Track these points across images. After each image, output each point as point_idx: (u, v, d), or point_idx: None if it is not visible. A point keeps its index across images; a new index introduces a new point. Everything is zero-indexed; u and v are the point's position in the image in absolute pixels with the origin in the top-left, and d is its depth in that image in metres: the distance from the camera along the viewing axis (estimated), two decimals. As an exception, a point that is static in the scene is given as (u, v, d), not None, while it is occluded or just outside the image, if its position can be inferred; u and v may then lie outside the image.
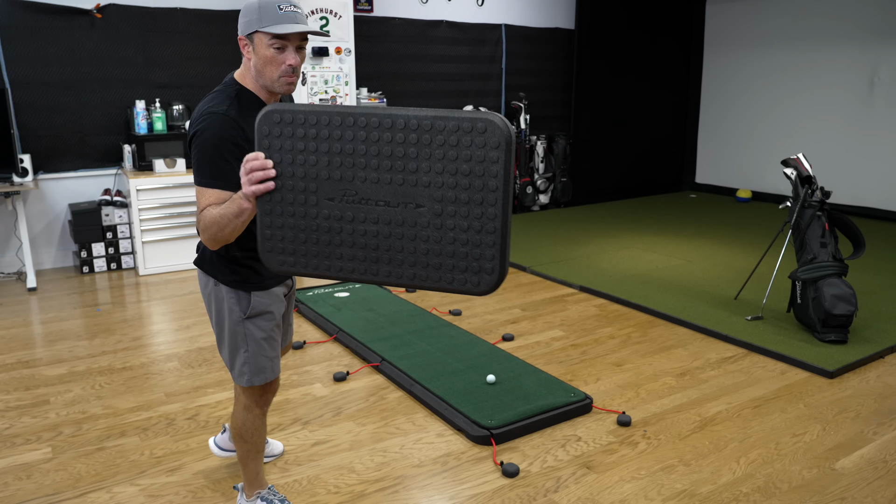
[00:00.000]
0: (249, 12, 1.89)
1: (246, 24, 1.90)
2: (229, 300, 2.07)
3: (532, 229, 6.86)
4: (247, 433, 2.23)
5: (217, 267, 2.05)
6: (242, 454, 2.28)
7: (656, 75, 8.73)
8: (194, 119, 1.91)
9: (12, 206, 5.13)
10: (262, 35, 1.88)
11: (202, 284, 2.14)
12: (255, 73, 1.94)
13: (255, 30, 1.88)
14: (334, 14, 5.90)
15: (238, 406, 2.24)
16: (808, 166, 4.18)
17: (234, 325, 2.09)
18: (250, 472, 2.31)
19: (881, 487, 2.56)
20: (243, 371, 2.13)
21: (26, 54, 5.23)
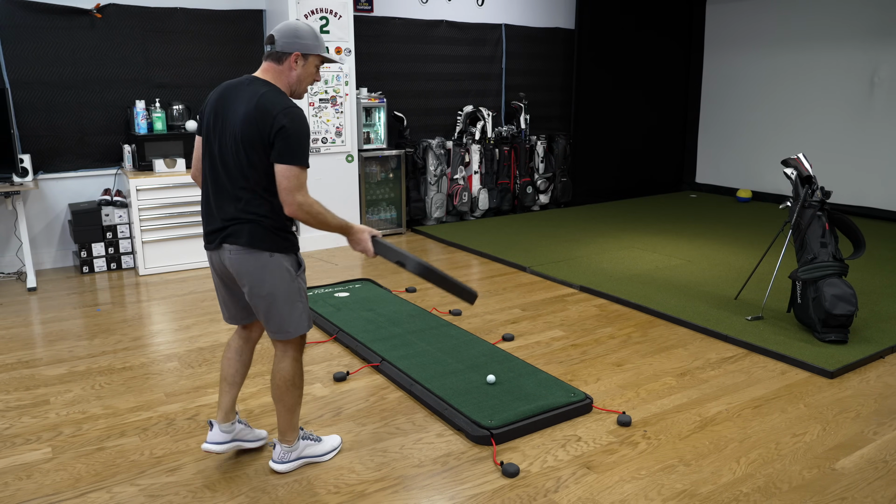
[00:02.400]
0: (308, 37, 2.37)
1: (304, 46, 2.36)
2: (286, 264, 2.42)
3: (532, 229, 6.86)
4: (298, 380, 2.56)
5: (272, 240, 2.38)
6: (293, 402, 2.57)
7: (656, 75, 8.73)
8: (279, 113, 2.26)
9: (12, 206, 5.13)
10: (315, 57, 2.41)
11: (252, 263, 2.37)
12: (294, 81, 2.40)
13: (313, 52, 2.38)
14: (334, 14, 5.90)
15: (286, 361, 2.53)
16: (808, 166, 4.18)
17: (291, 284, 2.44)
18: (295, 417, 2.61)
19: (881, 487, 2.55)
20: (302, 320, 2.49)
21: (26, 54, 5.23)
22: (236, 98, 2.35)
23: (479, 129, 7.26)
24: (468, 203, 7.30)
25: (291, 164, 2.27)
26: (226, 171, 2.37)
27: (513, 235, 6.58)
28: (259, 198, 2.35)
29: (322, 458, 2.73)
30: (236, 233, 2.36)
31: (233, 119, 2.33)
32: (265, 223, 2.36)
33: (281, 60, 2.37)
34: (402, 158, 6.83)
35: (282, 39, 2.35)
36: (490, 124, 7.29)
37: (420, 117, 7.18)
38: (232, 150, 2.34)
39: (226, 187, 2.37)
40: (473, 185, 7.38)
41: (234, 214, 2.36)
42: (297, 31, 2.36)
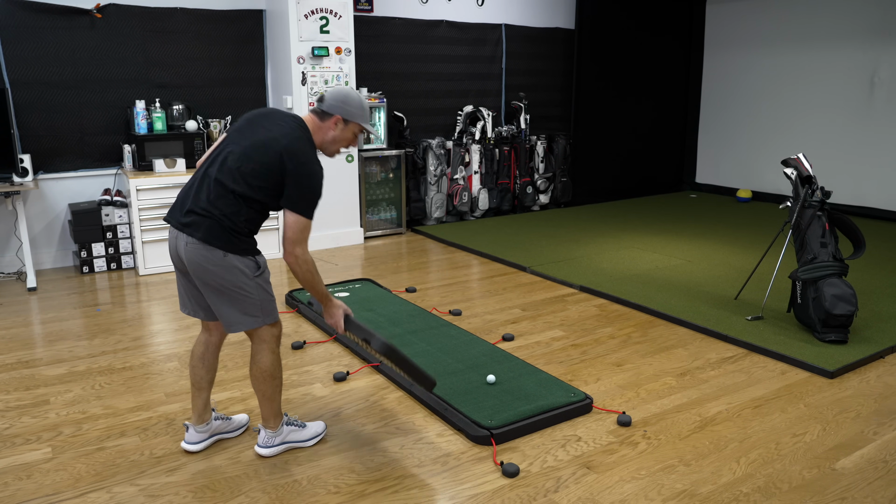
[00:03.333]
0: (354, 105, 2.59)
1: (348, 113, 2.57)
2: (240, 265, 2.48)
3: (532, 229, 6.86)
4: (276, 370, 2.65)
5: (227, 240, 2.44)
6: (271, 391, 2.66)
7: (656, 75, 8.73)
8: (304, 162, 2.44)
9: (12, 206, 5.13)
10: (355, 125, 2.61)
11: (203, 257, 2.43)
12: (329, 140, 2.60)
13: (353, 120, 2.59)
14: (334, 14, 5.90)
15: (264, 352, 2.62)
16: (808, 166, 4.18)
17: (247, 283, 2.50)
18: (276, 405, 2.70)
19: (881, 487, 2.55)
20: (260, 315, 2.56)
21: (26, 54, 5.23)
22: (276, 123, 2.52)
23: (479, 129, 7.26)
24: (468, 203, 7.30)
25: (301, 214, 2.45)
26: (223, 168, 2.47)
27: (513, 235, 6.58)
28: (234, 201, 2.44)
29: (305, 444, 2.82)
30: (195, 224, 2.44)
31: (262, 136, 2.47)
32: (224, 223, 2.44)
33: (323, 118, 2.58)
34: (402, 158, 6.83)
35: (330, 100, 2.58)
36: (490, 124, 7.29)
37: (420, 117, 7.18)
38: (242, 157, 2.46)
39: (212, 179, 2.47)
40: (473, 185, 7.38)
41: (202, 206, 2.45)
42: (346, 97, 2.58)
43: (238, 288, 2.49)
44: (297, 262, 2.47)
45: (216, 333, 2.75)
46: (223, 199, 2.44)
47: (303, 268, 2.49)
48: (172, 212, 2.55)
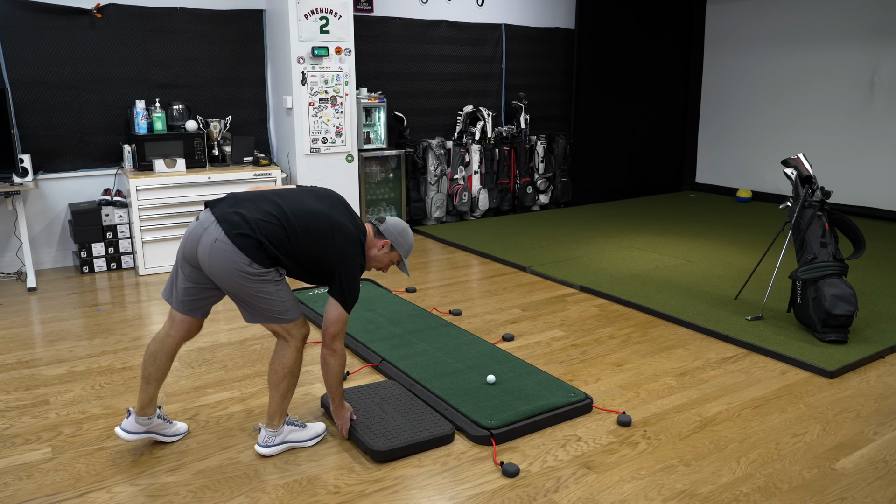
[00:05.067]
0: (405, 240, 2.81)
1: (398, 244, 2.79)
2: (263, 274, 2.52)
3: (532, 229, 6.86)
4: (296, 368, 2.71)
5: (259, 254, 2.49)
6: (286, 389, 2.71)
7: (656, 75, 8.73)
8: (355, 261, 2.64)
9: (12, 206, 5.13)
10: (396, 255, 2.83)
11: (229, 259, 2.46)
12: (372, 256, 2.79)
13: (398, 251, 2.81)
14: (334, 14, 5.90)
15: (288, 349, 2.67)
16: (808, 166, 4.18)
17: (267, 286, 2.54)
18: (286, 404, 2.75)
19: (881, 487, 2.55)
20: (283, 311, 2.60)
21: (26, 54, 5.23)
22: (346, 209, 2.74)
23: (479, 129, 7.26)
24: (468, 203, 7.30)
25: (344, 307, 2.63)
26: (291, 205, 2.59)
27: (513, 235, 6.58)
28: (282, 237, 2.52)
29: (305, 444, 2.83)
30: (237, 225, 2.47)
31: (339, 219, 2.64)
32: (264, 243, 2.49)
33: (377, 236, 2.79)
34: (402, 158, 6.83)
35: (389, 227, 2.80)
36: (490, 124, 7.29)
37: (420, 117, 7.18)
38: (313, 215, 2.59)
39: (277, 205, 2.57)
40: (473, 185, 7.38)
41: (255, 218, 2.50)
42: (404, 231, 2.82)
43: (259, 292, 2.54)
44: (334, 355, 2.66)
45: (175, 335, 2.72)
46: (274, 228, 2.51)
47: (339, 361, 2.69)
48: (220, 203, 2.58)
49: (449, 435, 2.86)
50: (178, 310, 2.69)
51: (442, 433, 2.85)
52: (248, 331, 4.16)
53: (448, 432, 2.86)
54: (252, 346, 3.92)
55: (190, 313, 2.69)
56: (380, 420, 2.93)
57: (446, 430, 2.87)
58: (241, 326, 4.23)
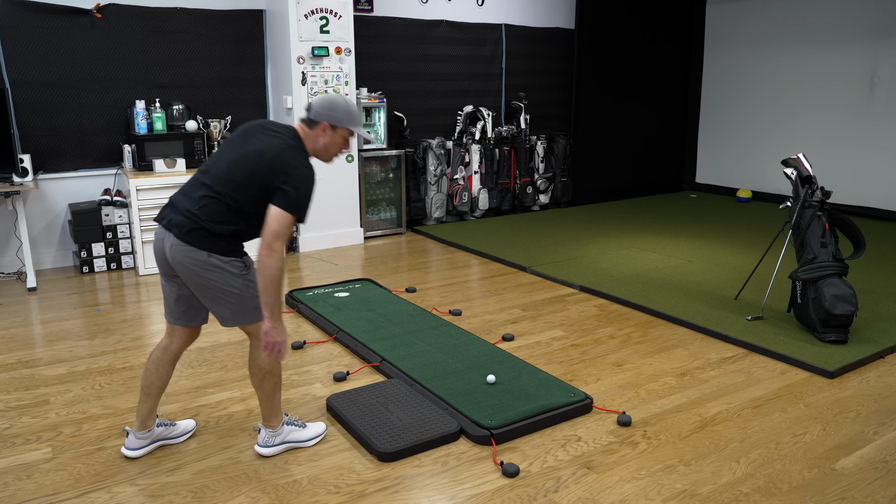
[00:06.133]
0: (340, 111, 2.59)
1: (335, 119, 2.58)
2: (226, 265, 2.49)
3: (532, 229, 6.86)
4: (275, 367, 2.67)
5: (213, 243, 2.46)
6: (270, 389, 2.68)
7: (656, 75, 8.73)
8: (296, 165, 2.47)
9: (12, 206, 5.13)
10: (344, 130, 2.62)
11: (189, 258, 2.46)
12: (320, 147, 2.62)
13: (340, 125, 2.59)
14: (334, 14, 5.90)
15: (262, 349, 2.58)
16: (808, 166, 4.18)
17: (234, 281, 2.52)
18: (276, 403, 2.72)
19: (881, 487, 2.55)
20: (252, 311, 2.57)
21: (26, 54, 5.23)
22: (269, 133, 2.56)
23: (479, 129, 7.26)
24: (468, 203, 7.30)
25: (288, 211, 2.42)
26: (215, 175, 2.50)
27: (513, 235, 6.58)
28: (223, 209, 2.47)
29: (306, 444, 2.82)
30: (182, 225, 2.47)
31: (255, 146, 2.50)
32: (212, 229, 2.46)
33: (312, 126, 2.60)
34: (402, 158, 6.83)
35: (316, 108, 2.60)
36: (490, 124, 7.29)
37: (420, 117, 7.18)
38: (234, 164, 2.49)
39: (203, 185, 2.50)
40: (473, 185, 7.38)
41: (191, 210, 2.47)
42: (332, 104, 2.60)
43: (224, 286, 2.51)
44: (273, 255, 2.39)
45: (177, 343, 2.72)
46: (212, 206, 2.47)
47: (275, 264, 2.40)
48: (162, 212, 2.57)
49: (455, 433, 2.86)
50: (180, 324, 2.68)
51: (448, 431, 2.84)
52: (248, 331, 4.15)
53: (454, 430, 2.86)
54: (252, 346, 3.92)
55: (190, 323, 2.69)
56: (385, 420, 2.94)
57: (452, 429, 2.86)
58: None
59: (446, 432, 2.84)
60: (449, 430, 2.85)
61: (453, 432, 2.85)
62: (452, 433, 2.85)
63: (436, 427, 2.88)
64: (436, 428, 2.87)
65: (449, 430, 2.86)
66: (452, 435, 2.85)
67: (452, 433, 2.85)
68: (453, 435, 2.85)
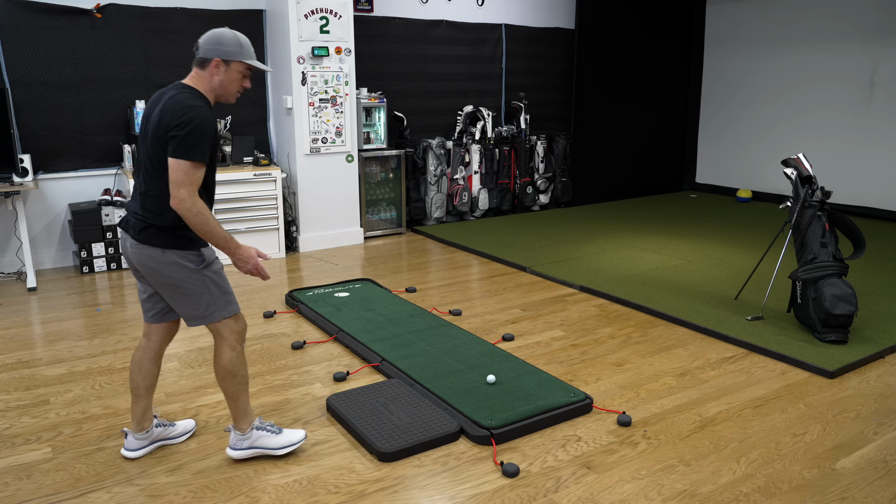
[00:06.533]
0: (230, 44, 2.46)
1: (225, 53, 2.46)
2: (180, 259, 2.48)
3: (532, 229, 6.86)
4: (235, 368, 2.60)
5: (165, 238, 2.46)
6: (233, 390, 2.61)
7: (656, 75, 8.73)
8: (178, 111, 2.36)
9: (12, 206, 5.12)
10: (239, 64, 2.50)
11: (147, 256, 2.48)
12: (217, 85, 2.51)
13: (233, 59, 2.47)
14: (334, 14, 5.90)
15: (223, 348, 2.58)
16: (808, 166, 4.18)
17: (192, 277, 2.49)
18: (241, 404, 2.65)
19: (881, 487, 2.55)
20: (212, 309, 2.54)
21: (26, 54, 5.23)
22: (159, 102, 2.48)
23: (479, 129, 7.26)
24: (468, 203, 7.30)
25: (181, 158, 2.34)
26: (142, 170, 2.51)
27: (513, 235, 6.58)
28: (157, 199, 2.46)
29: (275, 451, 2.72)
30: (133, 226, 2.51)
31: (152, 122, 2.45)
32: (158, 222, 2.46)
33: (203, 66, 2.49)
34: (402, 158, 6.83)
35: (204, 46, 2.48)
36: (490, 124, 7.29)
37: (420, 117, 7.18)
38: (147, 151, 2.47)
39: (140, 184, 2.52)
40: (473, 185, 7.38)
41: (135, 209, 2.51)
42: (219, 38, 2.47)
43: (184, 283, 2.49)
44: (183, 206, 2.34)
45: (155, 340, 2.72)
46: (149, 200, 2.47)
47: (192, 211, 2.35)
48: (122, 219, 2.60)
49: (455, 433, 2.86)
50: (154, 321, 2.70)
51: (448, 431, 2.85)
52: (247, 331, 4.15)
53: (454, 430, 2.86)
54: (252, 346, 3.92)
55: (163, 319, 2.70)
56: (385, 420, 2.94)
57: (452, 429, 2.87)
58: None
59: (446, 432, 2.84)
60: (449, 430, 2.85)
61: (453, 432, 2.86)
62: (452, 433, 2.85)
63: (436, 427, 2.88)
64: (436, 428, 2.87)
65: (449, 430, 2.86)
66: (452, 435, 2.85)
67: (452, 433, 2.85)
68: (453, 435, 2.85)
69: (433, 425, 2.89)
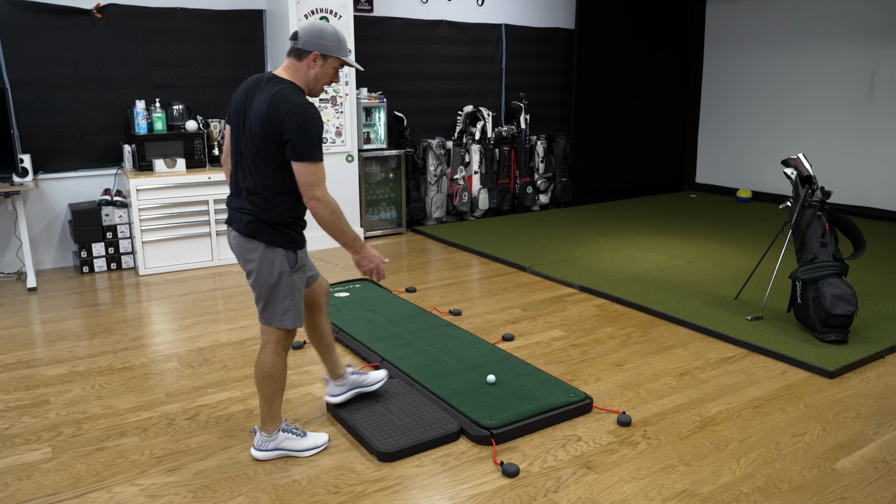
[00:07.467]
0: (330, 39, 2.47)
1: (324, 47, 2.46)
2: (280, 258, 2.51)
3: (532, 229, 6.86)
4: (276, 373, 2.64)
5: (269, 234, 2.49)
6: (270, 394, 2.65)
7: (656, 75, 8.73)
8: (289, 110, 2.35)
9: (12, 206, 5.12)
10: (335, 60, 2.51)
11: (247, 249, 2.52)
12: (311, 79, 2.50)
13: (332, 54, 2.48)
14: (334, 14, 5.90)
15: (267, 352, 2.62)
16: (808, 166, 4.18)
17: (280, 278, 2.52)
18: (274, 409, 2.69)
19: (881, 487, 2.55)
20: (287, 316, 2.57)
21: (26, 54, 5.23)
22: (257, 95, 2.47)
23: (479, 129, 7.26)
24: (468, 203, 7.30)
25: (305, 160, 2.38)
26: (244, 165, 2.52)
27: (513, 235, 6.58)
28: (265, 195, 2.48)
29: (300, 454, 2.75)
30: (239, 220, 2.54)
31: (252, 116, 2.45)
32: (268, 218, 2.48)
33: (301, 57, 2.47)
34: (402, 158, 6.83)
35: (304, 37, 2.46)
36: (490, 124, 7.29)
37: (420, 117, 7.18)
38: (250, 147, 2.47)
39: (243, 179, 2.53)
40: (473, 185, 7.38)
41: (240, 205, 2.54)
42: (321, 31, 2.47)
43: (276, 283, 2.53)
44: (319, 204, 2.41)
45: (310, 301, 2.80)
46: (257, 196, 2.48)
47: (327, 209, 2.42)
48: (228, 215, 2.63)
49: (455, 433, 2.86)
50: None
51: (448, 431, 2.85)
52: (248, 331, 4.16)
53: (454, 430, 2.86)
54: (252, 346, 3.92)
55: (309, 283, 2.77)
56: (385, 419, 2.94)
57: (452, 429, 2.87)
58: (241, 326, 4.23)
59: (446, 432, 2.84)
60: (449, 430, 2.85)
61: (453, 432, 2.86)
62: (452, 433, 2.85)
63: (436, 427, 2.88)
64: (436, 428, 2.87)
65: (449, 430, 2.86)
66: (452, 435, 2.85)
67: (452, 433, 2.85)
68: (453, 435, 2.85)
69: (433, 425, 2.89)
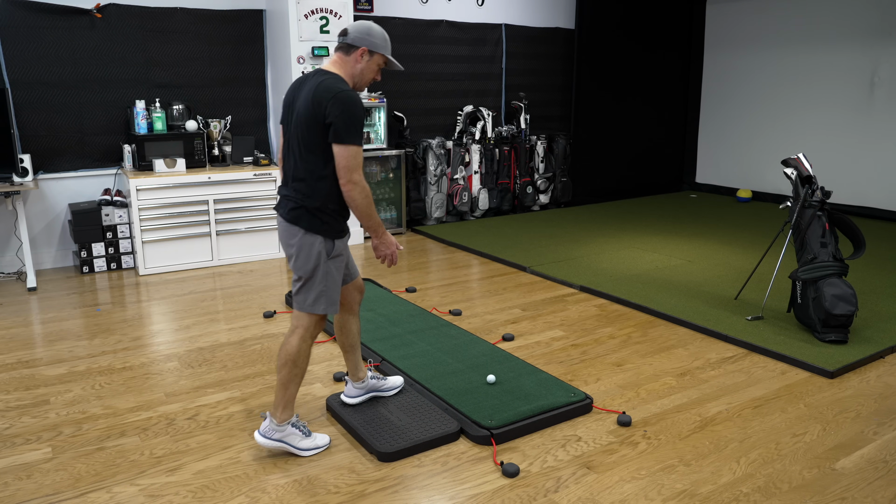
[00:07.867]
0: (377, 37, 2.63)
1: (372, 44, 2.62)
2: (318, 245, 2.60)
3: (532, 229, 6.86)
4: (300, 359, 2.69)
5: (309, 220, 2.59)
6: (288, 378, 2.68)
7: (657, 75, 8.73)
8: (332, 95, 2.47)
9: (12, 206, 5.13)
10: (380, 57, 2.66)
11: (289, 234, 2.63)
12: (357, 73, 2.64)
13: (378, 51, 2.63)
14: (334, 14, 5.90)
15: (295, 336, 2.68)
16: (808, 166, 4.18)
17: (320, 265, 2.61)
18: (289, 394, 2.71)
19: (881, 487, 2.55)
20: (319, 302, 2.64)
21: (26, 54, 5.23)
22: (303, 88, 2.60)
23: (479, 129, 7.26)
24: (468, 203, 7.30)
25: (345, 143, 2.50)
26: (292, 154, 2.64)
27: (513, 235, 6.58)
28: (308, 182, 2.59)
29: (301, 453, 2.76)
30: (284, 206, 2.66)
31: (299, 107, 2.58)
32: (308, 204, 2.58)
33: (349, 52, 2.63)
34: (402, 158, 6.83)
35: (354, 33, 2.62)
36: (490, 124, 7.29)
37: (420, 117, 7.18)
38: (297, 135, 2.59)
39: (292, 168, 2.65)
40: (473, 185, 7.38)
41: (286, 192, 2.66)
42: (369, 29, 2.63)
43: (313, 269, 2.61)
44: (355, 188, 2.53)
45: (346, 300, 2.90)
46: (301, 183, 2.60)
47: (362, 194, 2.55)
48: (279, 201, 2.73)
49: (455, 433, 2.86)
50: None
51: (448, 431, 2.85)
52: (247, 331, 4.16)
53: (454, 430, 2.86)
54: (252, 346, 3.92)
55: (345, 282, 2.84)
56: (385, 419, 2.94)
57: (452, 429, 2.87)
58: (241, 326, 4.23)
59: (446, 432, 2.84)
60: (449, 430, 2.86)
61: (453, 432, 2.86)
62: (452, 433, 2.85)
63: (436, 427, 2.88)
64: (436, 428, 2.87)
65: (449, 430, 2.86)
66: (452, 435, 2.85)
67: (452, 433, 2.85)
68: (453, 435, 2.85)
69: (433, 425, 2.89)
